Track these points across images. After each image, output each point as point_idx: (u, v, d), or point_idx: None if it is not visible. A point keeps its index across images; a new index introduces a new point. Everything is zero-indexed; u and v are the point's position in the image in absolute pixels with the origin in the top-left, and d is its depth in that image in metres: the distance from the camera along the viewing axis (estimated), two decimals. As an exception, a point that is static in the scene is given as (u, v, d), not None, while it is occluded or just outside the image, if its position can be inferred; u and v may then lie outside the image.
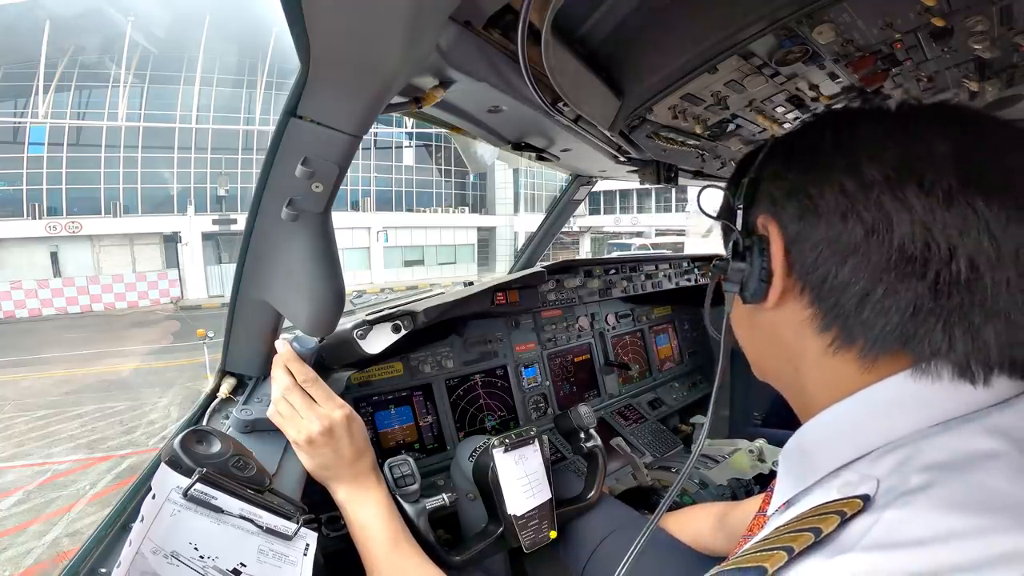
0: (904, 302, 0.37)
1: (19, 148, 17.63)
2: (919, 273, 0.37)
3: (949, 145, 0.37)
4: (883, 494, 0.34)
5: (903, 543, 0.31)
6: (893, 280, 0.37)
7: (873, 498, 0.34)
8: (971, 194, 0.36)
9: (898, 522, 0.32)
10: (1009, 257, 0.35)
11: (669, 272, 1.95)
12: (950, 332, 0.37)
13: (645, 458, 1.61)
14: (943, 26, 0.65)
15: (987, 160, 0.37)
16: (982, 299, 0.36)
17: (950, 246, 0.36)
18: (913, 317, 0.37)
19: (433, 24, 0.51)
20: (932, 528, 0.31)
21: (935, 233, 0.36)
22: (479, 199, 26.94)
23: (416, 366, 1.43)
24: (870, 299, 0.39)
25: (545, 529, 1.01)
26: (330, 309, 0.78)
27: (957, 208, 0.36)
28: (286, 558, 0.69)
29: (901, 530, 0.31)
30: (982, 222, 0.35)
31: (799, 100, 0.92)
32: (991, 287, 0.36)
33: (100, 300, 17.47)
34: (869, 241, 0.38)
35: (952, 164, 0.37)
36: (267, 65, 20.35)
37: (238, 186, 19.97)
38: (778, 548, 0.34)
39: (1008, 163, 0.37)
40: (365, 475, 0.84)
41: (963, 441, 0.35)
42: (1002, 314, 0.36)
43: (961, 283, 0.36)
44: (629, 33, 0.71)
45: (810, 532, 0.34)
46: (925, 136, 0.39)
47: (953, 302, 0.36)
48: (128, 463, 6.34)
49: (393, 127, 22.74)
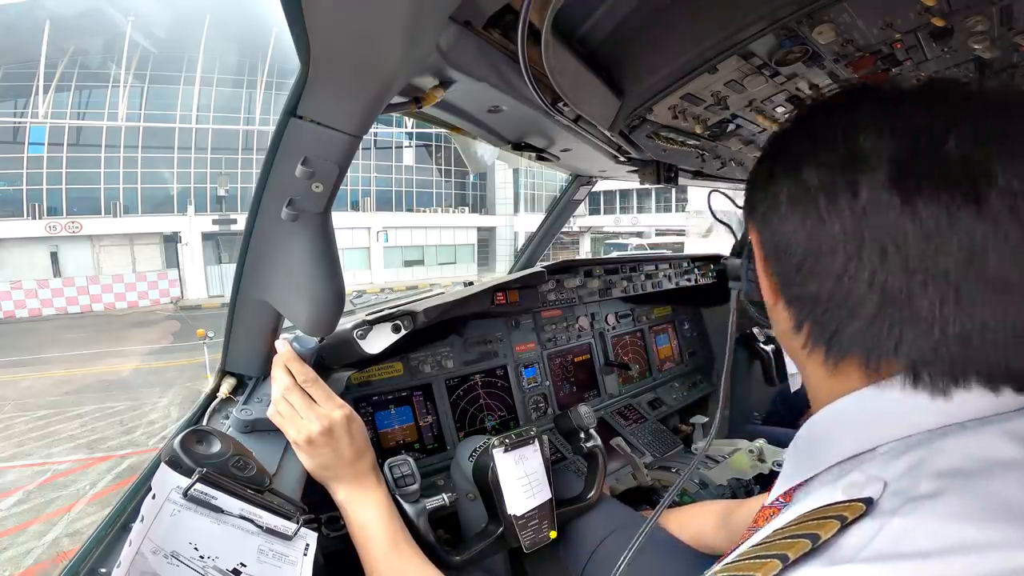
0: (857, 307, 0.36)
1: (19, 148, 17.63)
2: (867, 279, 0.35)
3: (891, 141, 0.35)
4: (889, 498, 0.32)
5: (907, 554, 0.29)
6: (846, 284, 0.36)
7: (877, 502, 0.32)
8: (905, 194, 0.34)
9: (904, 531, 0.30)
10: (959, 259, 0.33)
11: (669, 272, 1.95)
12: (906, 338, 0.35)
13: (645, 458, 1.61)
14: (943, 26, 0.65)
15: (929, 152, 0.34)
16: (930, 307, 0.33)
17: (883, 249, 0.34)
18: (871, 324, 0.36)
19: (433, 24, 0.51)
20: (941, 539, 0.28)
21: (867, 238, 0.35)
22: (479, 199, 26.94)
23: (416, 366, 1.43)
24: (825, 302, 0.38)
25: (545, 529, 1.01)
26: (330, 309, 0.78)
27: (889, 211, 0.34)
28: (286, 558, 0.69)
29: (906, 540, 0.29)
30: (916, 223, 0.33)
31: (799, 100, 0.92)
32: (937, 294, 0.33)
33: (100, 300, 17.47)
34: (816, 245, 0.38)
35: (887, 163, 0.35)
36: (267, 65, 20.36)
37: (238, 186, 19.97)
38: (772, 556, 0.32)
39: (948, 151, 0.34)
40: (365, 475, 0.84)
41: (981, 445, 0.33)
42: (955, 322, 0.33)
43: (908, 289, 0.34)
44: (629, 33, 0.71)
45: (807, 539, 0.32)
46: (871, 131, 0.36)
47: (904, 309, 0.34)
48: (128, 463, 6.34)
49: (393, 127, 22.74)
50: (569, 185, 1.71)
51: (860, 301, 0.36)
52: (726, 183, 1.75)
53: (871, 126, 0.37)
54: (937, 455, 0.34)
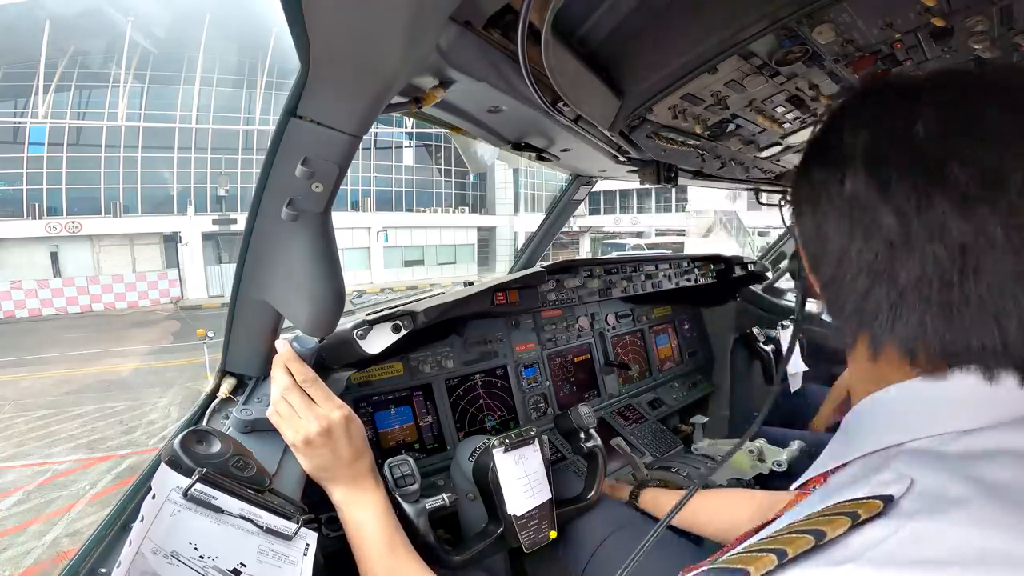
0: (866, 294, 0.37)
1: (19, 148, 17.63)
2: (878, 269, 0.36)
3: (867, 134, 0.37)
4: (913, 498, 0.30)
5: (919, 560, 0.26)
6: (863, 276, 0.37)
7: (898, 501, 0.30)
8: (883, 183, 0.35)
9: (921, 535, 0.28)
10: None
11: (669, 272, 1.95)
12: (906, 322, 0.35)
13: (645, 458, 1.61)
14: (943, 26, 0.65)
15: (898, 140, 0.36)
16: (915, 286, 0.34)
17: (867, 232, 0.36)
18: (889, 312, 0.36)
19: (433, 24, 0.51)
20: (961, 548, 0.26)
21: (857, 226, 0.37)
22: (479, 199, 26.94)
23: (416, 366, 1.43)
24: (832, 285, 0.40)
25: (545, 529, 1.01)
26: (330, 309, 0.78)
27: (868, 205, 0.36)
28: (286, 558, 0.69)
29: (922, 545, 0.27)
30: (889, 205, 0.35)
31: (799, 100, 0.92)
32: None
33: (100, 300, 17.47)
34: (823, 236, 0.40)
35: (863, 155, 0.37)
36: (267, 65, 20.35)
37: (238, 186, 19.97)
38: (771, 550, 0.31)
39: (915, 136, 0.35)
40: (363, 477, 0.83)
41: (1020, 447, 0.32)
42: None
43: (892, 269, 0.35)
44: (629, 33, 0.71)
45: (811, 535, 0.30)
46: (860, 124, 0.39)
47: (892, 290, 0.35)
48: (128, 463, 6.34)
49: (393, 127, 22.74)
50: (569, 185, 1.71)
51: (853, 281, 0.38)
52: (726, 183, 1.75)
53: (850, 123, 0.39)
54: (974, 456, 0.32)
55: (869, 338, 0.39)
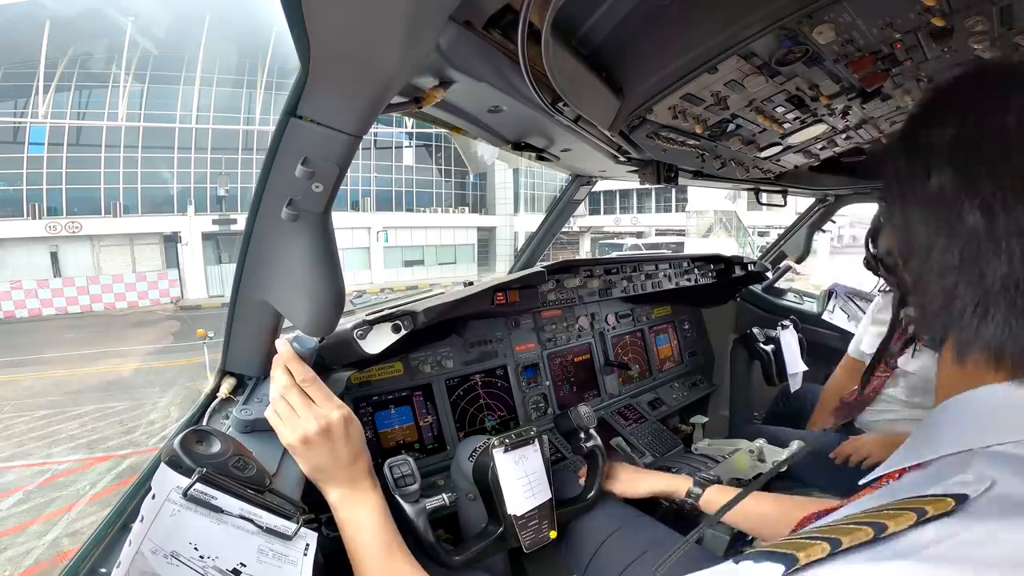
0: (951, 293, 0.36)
1: (19, 148, 17.62)
2: (963, 267, 0.35)
3: (954, 128, 0.36)
4: (990, 500, 0.29)
5: (980, 561, 0.25)
6: (949, 274, 0.36)
7: (972, 501, 0.29)
8: (969, 179, 0.34)
9: (987, 536, 0.26)
10: None
11: (669, 272, 1.95)
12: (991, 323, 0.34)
13: (645, 458, 1.61)
14: (943, 26, 0.65)
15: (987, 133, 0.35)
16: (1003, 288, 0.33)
17: (951, 230, 0.35)
18: (974, 312, 0.35)
19: (433, 24, 0.51)
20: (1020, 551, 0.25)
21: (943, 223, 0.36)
22: (479, 199, 26.93)
23: (416, 366, 1.43)
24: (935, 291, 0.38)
25: (545, 529, 1.01)
26: (330, 309, 0.78)
27: (954, 201, 0.35)
28: (286, 558, 0.69)
29: (985, 545, 0.26)
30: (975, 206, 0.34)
31: (799, 100, 0.92)
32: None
33: (100, 300, 17.46)
34: (912, 235, 0.39)
35: (947, 152, 0.36)
36: (267, 65, 20.35)
37: (238, 186, 19.96)
38: (824, 539, 0.29)
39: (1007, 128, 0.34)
40: (361, 478, 0.83)
41: None
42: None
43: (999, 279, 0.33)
44: (629, 33, 0.71)
45: (871, 527, 0.29)
46: (947, 117, 0.38)
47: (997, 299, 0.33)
48: (128, 463, 6.34)
49: (393, 127, 22.73)
50: (569, 185, 1.71)
51: (940, 279, 0.37)
52: (726, 183, 1.75)
53: (937, 116, 0.39)
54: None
55: (956, 340, 0.38)
